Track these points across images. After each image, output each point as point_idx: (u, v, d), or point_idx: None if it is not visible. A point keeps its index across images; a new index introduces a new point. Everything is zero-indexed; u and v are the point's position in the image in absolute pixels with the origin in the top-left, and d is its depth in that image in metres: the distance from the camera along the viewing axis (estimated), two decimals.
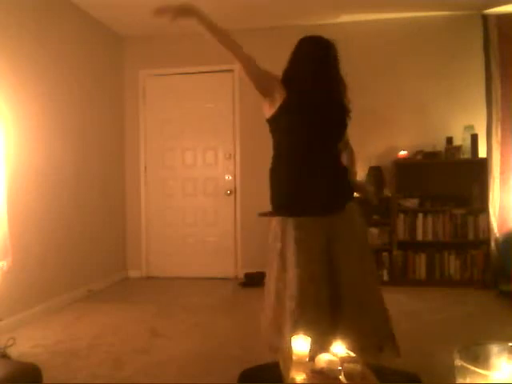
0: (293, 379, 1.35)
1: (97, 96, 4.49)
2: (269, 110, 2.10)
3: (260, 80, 2.05)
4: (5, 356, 2.51)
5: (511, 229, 4.20)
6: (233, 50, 2.01)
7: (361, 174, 4.56)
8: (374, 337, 2.00)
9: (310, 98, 2.02)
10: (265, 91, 2.07)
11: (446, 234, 4.32)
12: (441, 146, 4.39)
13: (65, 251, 3.86)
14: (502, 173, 4.28)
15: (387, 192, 4.44)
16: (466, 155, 4.32)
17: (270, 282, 2.08)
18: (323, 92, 2.05)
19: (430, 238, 4.35)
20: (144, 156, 5.02)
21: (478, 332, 2.93)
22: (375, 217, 4.46)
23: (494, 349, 0.94)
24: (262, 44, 2.07)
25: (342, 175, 2.13)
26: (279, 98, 2.05)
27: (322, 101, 2.04)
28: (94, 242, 4.34)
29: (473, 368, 0.85)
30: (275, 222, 2.09)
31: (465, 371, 0.86)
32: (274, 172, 2.12)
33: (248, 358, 2.18)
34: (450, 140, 4.38)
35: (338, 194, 2.07)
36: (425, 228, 4.35)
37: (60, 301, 3.74)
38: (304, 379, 1.35)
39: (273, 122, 2.11)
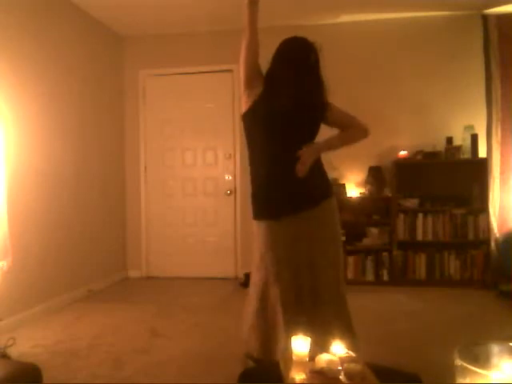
0: (293, 379, 1.35)
1: (97, 96, 4.49)
2: (245, 106, 2.11)
3: (252, 66, 2.06)
4: (5, 356, 2.51)
5: (511, 229, 4.20)
6: (253, 29, 2.03)
7: (361, 174, 4.58)
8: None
9: (281, 99, 2.02)
10: (250, 80, 2.07)
11: (446, 234, 4.32)
12: (441, 146, 4.39)
13: (65, 251, 3.86)
14: (502, 173, 4.28)
15: (387, 192, 4.44)
16: (466, 155, 4.32)
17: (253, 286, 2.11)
18: (298, 94, 2.03)
19: (430, 237, 4.35)
20: (144, 156, 5.02)
21: (478, 332, 2.93)
22: (375, 217, 4.46)
23: (494, 349, 0.94)
24: (261, 44, 2.06)
25: (312, 174, 2.09)
26: (256, 93, 2.06)
27: (294, 102, 2.03)
28: (94, 242, 4.34)
29: (473, 368, 0.85)
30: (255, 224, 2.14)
31: (465, 371, 0.86)
32: (250, 173, 2.16)
33: None
34: (450, 140, 4.38)
35: (304, 194, 2.06)
36: (425, 228, 4.35)
37: (60, 301, 3.74)
38: (304, 379, 1.35)
39: (245, 118, 2.13)
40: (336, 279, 2.04)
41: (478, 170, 4.27)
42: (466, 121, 4.38)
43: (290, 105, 2.02)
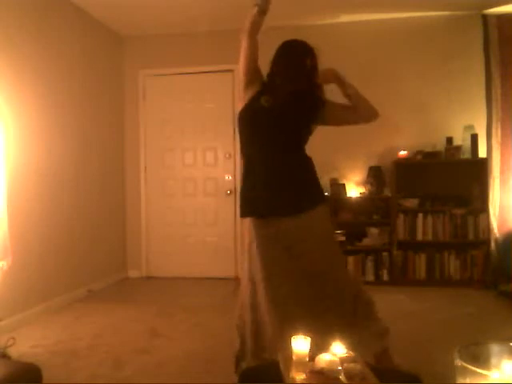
0: (293, 379, 1.35)
1: (97, 96, 4.49)
2: (241, 102, 2.15)
3: (252, 70, 2.09)
4: (5, 356, 2.51)
5: (511, 229, 4.20)
6: (255, 37, 2.05)
7: (361, 174, 4.58)
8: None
9: (273, 101, 2.04)
10: (249, 83, 2.10)
11: (446, 233, 4.32)
12: (441, 145, 4.39)
13: (65, 251, 3.86)
14: (502, 173, 4.28)
15: (387, 192, 4.44)
16: (466, 155, 4.31)
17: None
18: (289, 95, 2.05)
19: (430, 238, 4.34)
20: (144, 156, 5.02)
21: (478, 332, 2.93)
22: (375, 217, 4.46)
23: (494, 349, 0.93)
24: (261, 44, 2.07)
25: (302, 179, 2.11)
26: (252, 94, 2.09)
27: (286, 104, 2.05)
28: (94, 242, 4.34)
29: (473, 368, 0.85)
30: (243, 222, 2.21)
31: (465, 371, 0.86)
32: (242, 173, 2.19)
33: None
34: (450, 140, 4.37)
35: (293, 199, 2.06)
36: (425, 228, 4.35)
37: (60, 301, 3.74)
38: (304, 379, 1.35)
39: (238, 118, 2.16)
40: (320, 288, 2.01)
41: (478, 170, 4.27)
42: (466, 121, 4.38)
43: (279, 104, 2.04)
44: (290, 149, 2.10)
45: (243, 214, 2.14)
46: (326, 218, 2.14)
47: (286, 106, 2.06)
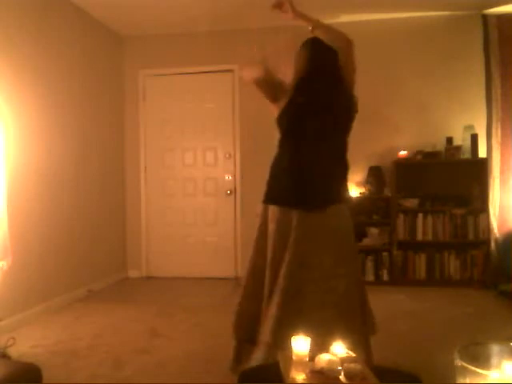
0: (293, 379, 1.35)
1: (97, 96, 4.49)
2: (275, 111, 2.20)
3: (277, 91, 2.19)
4: (5, 356, 2.51)
5: (511, 229, 4.20)
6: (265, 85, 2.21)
7: (361, 174, 4.57)
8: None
9: (308, 101, 2.08)
10: (279, 97, 2.18)
11: (446, 233, 4.32)
12: (441, 145, 4.39)
13: (65, 251, 3.86)
14: (502, 173, 4.28)
15: (387, 192, 4.43)
16: (466, 155, 4.31)
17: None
18: (323, 94, 2.09)
19: (430, 238, 4.34)
20: (144, 156, 5.02)
21: (478, 332, 2.93)
22: (375, 217, 4.46)
23: (494, 349, 0.94)
24: (262, 43, 2.08)
25: (333, 177, 2.14)
26: (284, 100, 2.15)
27: (321, 103, 2.09)
28: (94, 242, 4.34)
29: (473, 368, 0.85)
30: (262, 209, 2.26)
31: (465, 371, 0.86)
32: (272, 163, 2.23)
33: None
34: (450, 140, 4.38)
35: (319, 193, 2.09)
36: (425, 228, 4.34)
37: (60, 301, 3.74)
38: (304, 379, 1.35)
39: (277, 122, 2.20)
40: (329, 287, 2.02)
41: (478, 170, 4.27)
42: (466, 121, 4.38)
43: (316, 104, 2.08)
44: (328, 144, 2.13)
45: (268, 201, 2.19)
46: (345, 217, 2.21)
47: (321, 101, 2.09)
